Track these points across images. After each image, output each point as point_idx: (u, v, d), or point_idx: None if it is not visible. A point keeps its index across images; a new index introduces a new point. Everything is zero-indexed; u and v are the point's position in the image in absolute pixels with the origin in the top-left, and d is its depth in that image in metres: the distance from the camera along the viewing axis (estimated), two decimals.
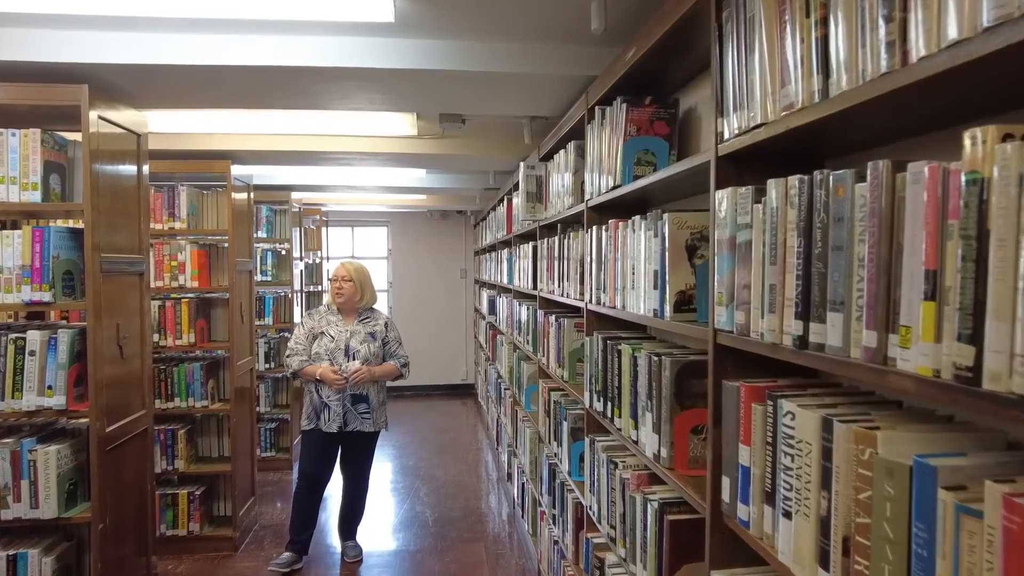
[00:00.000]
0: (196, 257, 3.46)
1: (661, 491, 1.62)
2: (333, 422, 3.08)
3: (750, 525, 1.14)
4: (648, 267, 1.58)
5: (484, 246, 6.11)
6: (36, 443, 2.10)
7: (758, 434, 1.12)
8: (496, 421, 5.13)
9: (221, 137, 3.47)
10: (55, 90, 2.08)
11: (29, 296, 2.07)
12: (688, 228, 1.45)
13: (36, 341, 2.09)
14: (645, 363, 1.61)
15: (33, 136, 2.07)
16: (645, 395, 1.62)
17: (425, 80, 2.22)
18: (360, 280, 3.20)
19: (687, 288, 1.45)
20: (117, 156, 2.31)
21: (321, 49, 2.02)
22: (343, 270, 3.20)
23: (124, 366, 2.32)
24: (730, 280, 1.19)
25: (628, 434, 1.77)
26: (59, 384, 2.10)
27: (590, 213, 2.17)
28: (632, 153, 1.81)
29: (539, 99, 2.58)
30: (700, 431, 1.51)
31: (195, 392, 3.45)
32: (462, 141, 3.61)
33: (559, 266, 2.63)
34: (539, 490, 3.16)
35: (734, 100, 1.18)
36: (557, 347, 2.70)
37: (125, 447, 2.32)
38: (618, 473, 1.84)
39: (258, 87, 2.30)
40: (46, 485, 2.07)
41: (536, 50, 2.18)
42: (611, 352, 1.89)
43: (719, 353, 1.25)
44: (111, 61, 2.07)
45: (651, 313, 1.56)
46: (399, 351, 3.26)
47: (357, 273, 3.20)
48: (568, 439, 2.47)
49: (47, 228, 2.09)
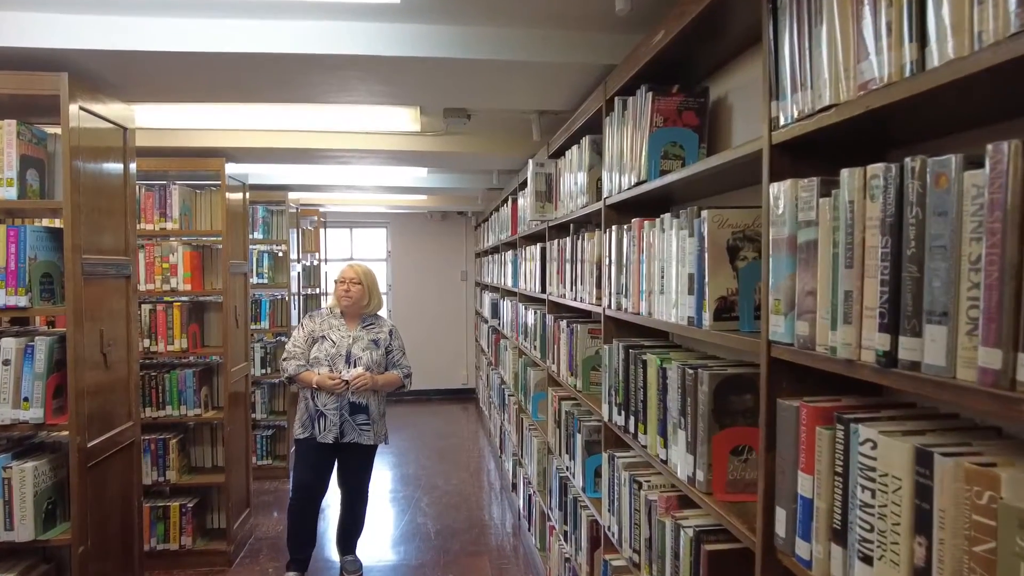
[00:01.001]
0: (189, 259, 3.30)
1: (694, 516, 1.48)
2: (329, 432, 2.89)
3: (812, 565, 0.99)
4: (681, 270, 1.44)
5: (486, 248, 5.96)
6: (11, 459, 1.95)
7: (824, 462, 0.97)
8: (499, 428, 4.97)
9: (215, 134, 3.31)
10: (31, 78, 1.93)
11: (3, 301, 1.92)
12: (730, 227, 1.31)
13: (11, 349, 1.93)
14: (677, 376, 1.47)
15: (8, 128, 1.92)
16: (677, 411, 1.47)
17: (431, 69, 2.07)
18: (368, 283, 3.03)
19: (728, 294, 1.31)
20: (101, 151, 2.15)
21: (321, 35, 1.87)
22: (351, 271, 3.02)
23: (108, 375, 2.17)
24: (789, 285, 1.04)
25: (655, 452, 1.62)
26: (36, 395, 1.94)
27: (608, 212, 2.03)
28: (659, 146, 1.67)
29: (550, 90, 2.43)
30: (741, 452, 1.36)
31: (187, 400, 3.29)
32: (466, 138, 3.46)
33: (572, 269, 2.49)
34: (548, 504, 3.02)
35: (792, 81, 1.03)
36: (569, 354, 2.56)
37: (109, 461, 2.16)
38: (643, 494, 1.70)
39: (253, 77, 2.15)
40: (22, 505, 1.91)
41: (550, 36, 2.03)
42: (634, 362, 1.75)
43: (774, 368, 1.10)
44: (91, 47, 1.92)
45: (685, 321, 1.41)
46: (403, 361, 3.09)
47: (366, 276, 3.03)
48: (582, 453, 2.32)
49: (22, 227, 1.94)
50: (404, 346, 3.13)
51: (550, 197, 2.87)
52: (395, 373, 3.02)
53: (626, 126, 1.84)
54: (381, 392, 3.01)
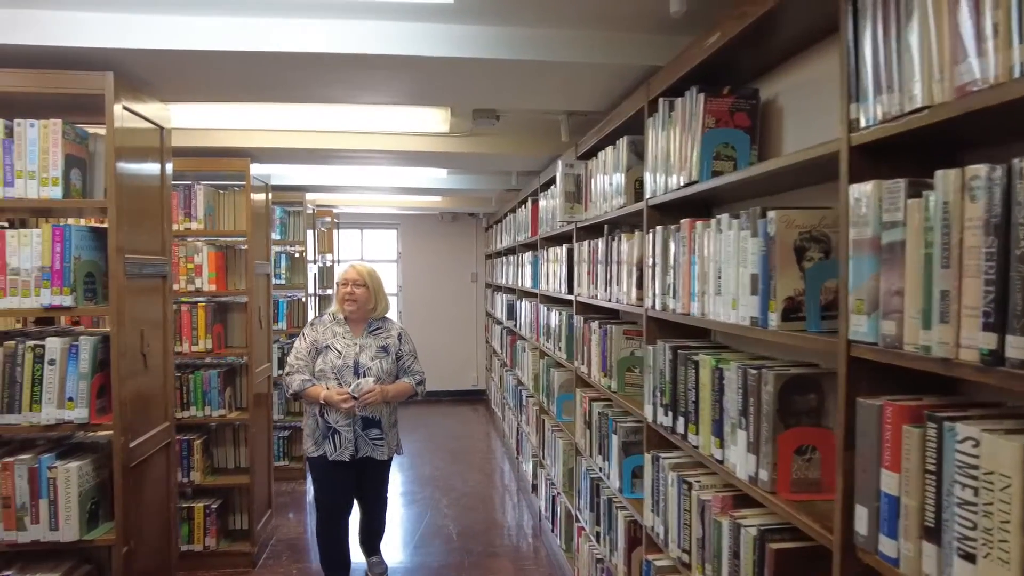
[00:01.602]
0: (213, 259, 3.30)
1: (754, 515, 1.48)
2: (344, 450, 2.69)
3: (900, 563, 1.00)
4: (742, 271, 1.44)
5: (500, 249, 5.96)
6: (55, 459, 1.94)
7: (913, 460, 0.98)
8: (516, 430, 4.97)
9: (239, 134, 3.31)
10: (77, 78, 1.93)
11: (49, 300, 1.91)
12: (796, 228, 1.31)
13: (56, 349, 1.93)
14: (736, 376, 1.47)
15: (54, 127, 1.91)
16: (736, 411, 1.48)
17: (475, 70, 2.07)
18: (374, 285, 2.79)
19: (795, 294, 1.31)
20: (140, 151, 2.15)
21: (370, 35, 1.87)
22: (355, 273, 2.77)
23: (147, 376, 2.17)
24: (872, 285, 1.05)
25: (708, 452, 1.62)
26: (81, 396, 1.94)
27: (651, 213, 2.03)
28: (711, 147, 1.68)
29: (585, 91, 2.44)
30: (804, 452, 1.37)
31: (212, 400, 3.29)
32: (491, 139, 3.46)
33: (606, 270, 2.49)
34: (576, 505, 3.02)
35: (876, 83, 1.04)
36: (602, 355, 2.56)
37: (148, 462, 2.16)
38: (695, 494, 1.70)
39: (294, 76, 2.15)
40: (67, 505, 1.91)
41: (593, 38, 2.04)
42: (684, 363, 1.75)
43: (853, 367, 1.11)
44: (134, 46, 1.92)
45: (747, 321, 1.42)
46: (414, 367, 2.86)
47: (371, 277, 2.80)
48: (618, 454, 2.33)
49: (68, 227, 1.94)
50: (415, 350, 2.92)
51: (579, 198, 2.88)
52: (406, 382, 2.81)
53: (673, 127, 1.85)
54: (393, 402, 2.83)
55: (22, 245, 1.91)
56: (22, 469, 1.90)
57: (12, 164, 1.90)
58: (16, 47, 1.90)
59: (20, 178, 1.90)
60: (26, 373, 1.92)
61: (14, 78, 1.91)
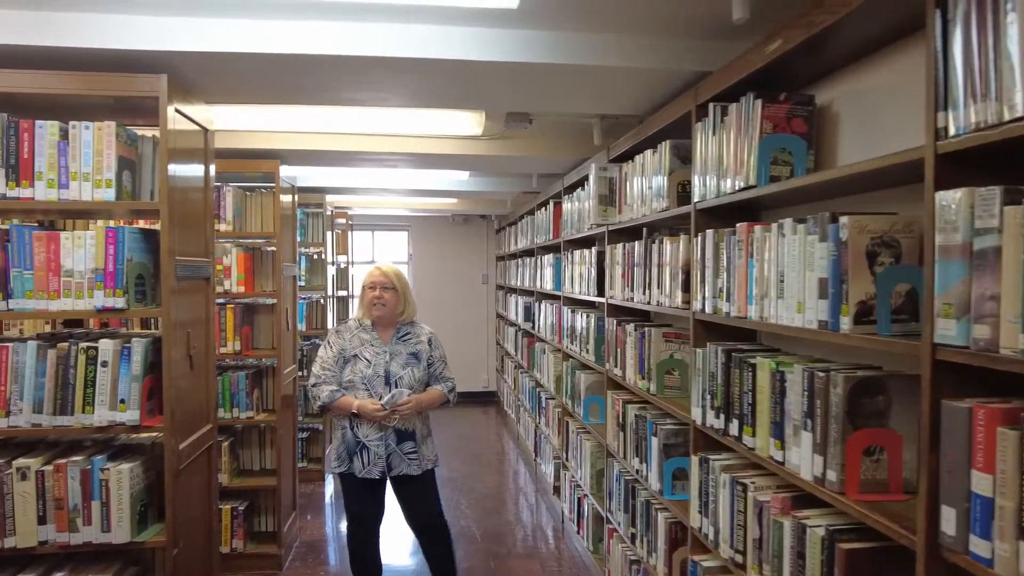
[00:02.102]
0: (242, 261, 3.30)
1: (818, 516, 1.50)
2: (374, 466, 2.48)
3: (994, 563, 1.01)
4: (808, 275, 1.46)
5: (515, 251, 5.98)
6: (107, 461, 1.95)
7: (1009, 462, 1.00)
8: (534, 432, 4.99)
9: (269, 136, 3.32)
10: (131, 80, 1.94)
11: (102, 302, 1.92)
12: (868, 233, 1.33)
13: (109, 351, 1.93)
14: (800, 379, 1.49)
15: (108, 129, 1.92)
16: (800, 413, 1.50)
17: (527, 74, 2.09)
18: (402, 287, 2.59)
19: (867, 298, 1.33)
20: (188, 153, 2.16)
21: (430, 39, 1.89)
22: (381, 275, 2.55)
23: (193, 378, 2.17)
24: (963, 290, 1.07)
25: (767, 454, 1.64)
26: (132, 398, 1.94)
27: (699, 216, 2.05)
28: (768, 152, 1.70)
29: (627, 95, 2.46)
30: (872, 452, 1.39)
31: (240, 402, 3.29)
32: (520, 142, 3.48)
33: (644, 272, 2.51)
34: (606, 506, 3.03)
35: (970, 91, 1.06)
36: (639, 357, 2.58)
37: (193, 464, 2.16)
38: (750, 495, 1.72)
39: (347, 81, 2.16)
40: (119, 507, 1.91)
41: (643, 43, 2.06)
42: (739, 366, 1.77)
43: (938, 370, 1.13)
44: (189, 49, 1.93)
45: (814, 325, 1.44)
46: (445, 373, 2.65)
47: (398, 279, 2.59)
48: (659, 456, 2.34)
49: (121, 229, 1.94)
50: (445, 355, 2.71)
51: (612, 201, 2.90)
52: (438, 389, 2.59)
53: (726, 131, 1.87)
54: (425, 412, 2.62)
55: (76, 247, 1.91)
56: (75, 471, 1.91)
57: (67, 166, 1.90)
58: (60, 49, 1.90)
59: (75, 180, 1.91)
60: (79, 375, 1.92)
61: (68, 81, 1.92)
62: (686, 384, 2.44)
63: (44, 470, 1.90)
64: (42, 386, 1.92)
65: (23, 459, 1.91)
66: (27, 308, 1.90)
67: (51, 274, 1.91)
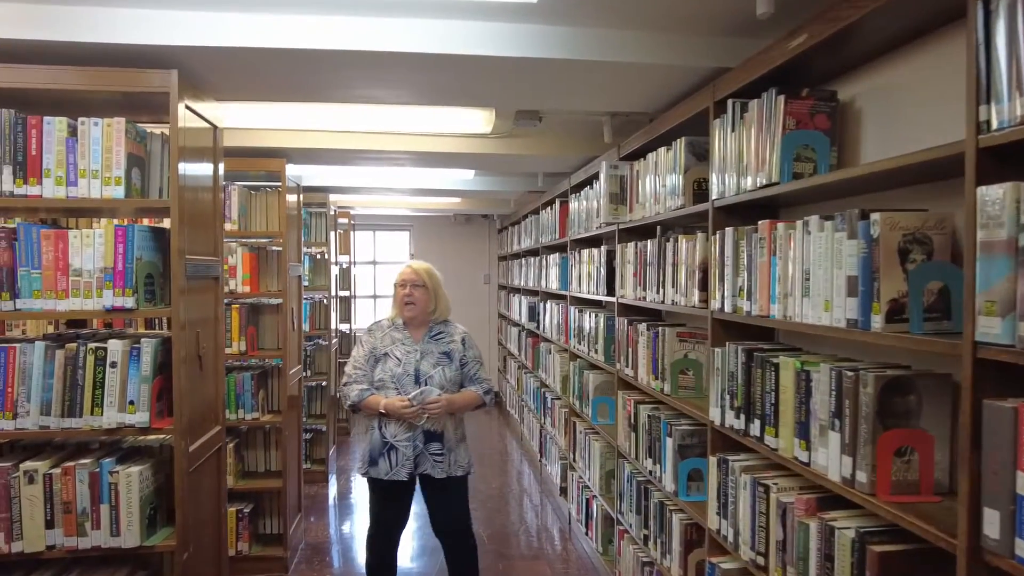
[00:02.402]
0: (247, 260, 3.27)
1: (845, 517, 1.47)
2: (402, 467, 2.40)
3: None
4: (836, 273, 1.44)
5: (518, 250, 5.95)
6: (116, 464, 1.91)
7: None
8: (538, 432, 4.96)
9: (275, 134, 3.29)
10: (141, 76, 1.90)
11: (111, 302, 1.88)
12: (900, 230, 1.31)
13: (118, 352, 1.89)
14: (827, 379, 1.47)
15: (117, 126, 1.88)
16: (827, 413, 1.47)
17: (542, 70, 2.06)
18: (434, 285, 2.54)
19: (899, 296, 1.31)
20: (197, 151, 2.13)
21: (449, 34, 1.86)
22: (412, 273, 2.52)
23: (202, 379, 2.14)
24: (1007, 287, 1.04)
25: (791, 454, 1.62)
26: (142, 399, 1.90)
27: (717, 214, 2.03)
28: (791, 149, 1.67)
29: (641, 92, 2.44)
30: (904, 453, 1.36)
31: (245, 403, 3.25)
32: (528, 140, 3.45)
33: (658, 272, 2.48)
34: (617, 508, 3.00)
35: (1011, 83, 1.04)
36: (652, 357, 2.55)
37: (203, 467, 2.13)
38: (773, 496, 1.69)
39: (360, 77, 2.12)
40: (128, 510, 1.87)
41: (660, 40, 2.04)
42: (761, 365, 1.75)
43: (980, 369, 1.10)
44: (201, 44, 1.90)
45: (842, 323, 1.41)
46: (480, 374, 2.56)
47: (430, 276, 2.54)
48: (673, 457, 2.32)
49: (130, 227, 1.91)
50: (481, 355, 2.65)
51: (624, 199, 2.87)
52: (472, 391, 2.51)
53: (746, 128, 1.84)
54: (458, 414, 2.53)
55: (84, 245, 1.88)
56: (83, 474, 1.87)
57: (76, 163, 1.87)
58: (68, 44, 1.86)
59: (83, 177, 1.87)
60: (87, 376, 1.89)
61: (77, 76, 1.88)
62: (701, 384, 2.42)
63: (52, 473, 1.86)
64: (50, 387, 1.88)
65: (31, 462, 1.87)
66: (35, 308, 1.87)
67: (59, 273, 1.88)
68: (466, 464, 2.52)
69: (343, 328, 5.78)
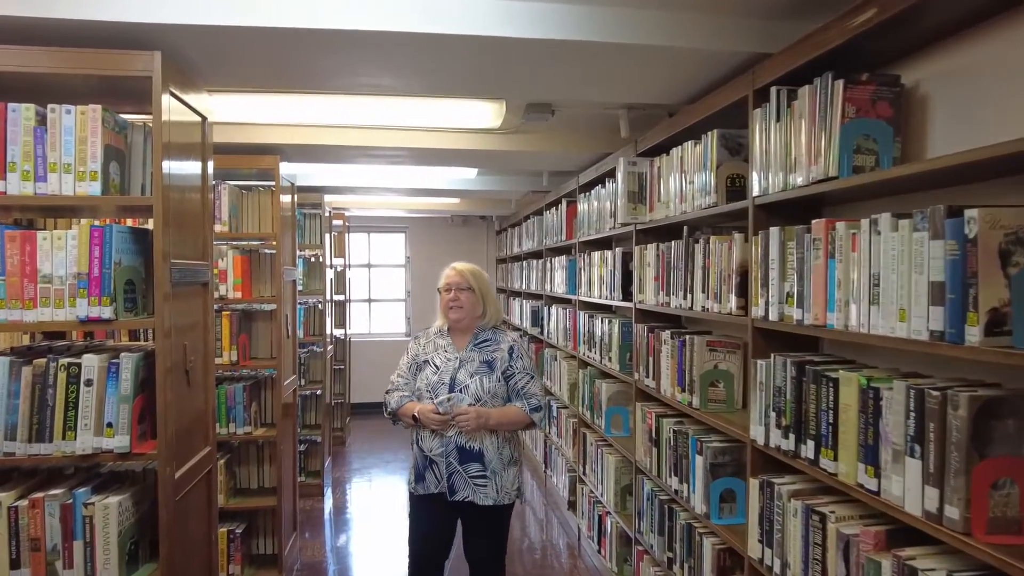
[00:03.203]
0: (239, 264, 3.06)
1: (925, 556, 1.30)
2: (442, 484, 2.22)
3: None
4: (916, 278, 1.26)
5: (519, 253, 5.76)
6: (91, 493, 1.70)
7: None
8: (542, 442, 4.77)
9: (269, 129, 3.08)
10: (119, 57, 1.70)
11: (86, 312, 1.67)
12: (1002, 228, 1.14)
13: (93, 368, 1.69)
14: (902, 398, 1.29)
15: (92, 114, 1.68)
16: (903, 437, 1.30)
17: (560, 54, 1.88)
18: (482, 288, 2.32)
19: (1000, 305, 1.14)
20: (184, 143, 1.92)
21: (460, 13, 1.67)
22: (458, 276, 2.31)
23: (190, 396, 1.93)
24: None
25: (853, 480, 1.44)
26: (121, 421, 1.70)
27: (758, 213, 1.85)
28: (851, 139, 1.50)
29: (664, 81, 2.26)
30: (1001, 486, 1.19)
31: (237, 416, 3.04)
32: (537, 136, 3.27)
33: (684, 275, 2.31)
34: (635, 526, 2.82)
35: None
36: (679, 368, 2.37)
37: (191, 493, 1.92)
38: (830, 526, 1.52)
39: (363, 60, 1.93)
40: (105, 546, 1.67)
41: (691, 21, 1.86)
42: (815, 380, 1.57)
43: None
44: (189, 22, 1.69)
45: (923, 335, 1.24)
46: (530, 388, 2.28)
47: (476, 278, 2.33)
48: (704, 476, 2.14)
49: (108, 227, 1.70)
50: (533, 368, 2.36)
51: (642, 198, 2.70)
52: (516, 407, 2.24)
53: (794, 118, 1.67)
54: (502, 432, 2.26)
55: (56, 248, 1.67)
56: (53, 506, 1.66)
57: (45, 156, 1.66)
58: (34, 20, 1.64)
59: (54, 172, 1.66)
60: (59, 396, 1.68)
61: (46, 58, 1.67)
62: (732, 397, 2.25)
63: (18, 505, 1.65)
64: (15, 409, 1.67)
65: None
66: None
67: (26, 280, 1.67)
68: (513, 491, 2.28)
69: (338, 334, 5.56)
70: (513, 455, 2.30)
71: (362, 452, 5.73)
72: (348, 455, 5.63)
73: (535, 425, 2.32)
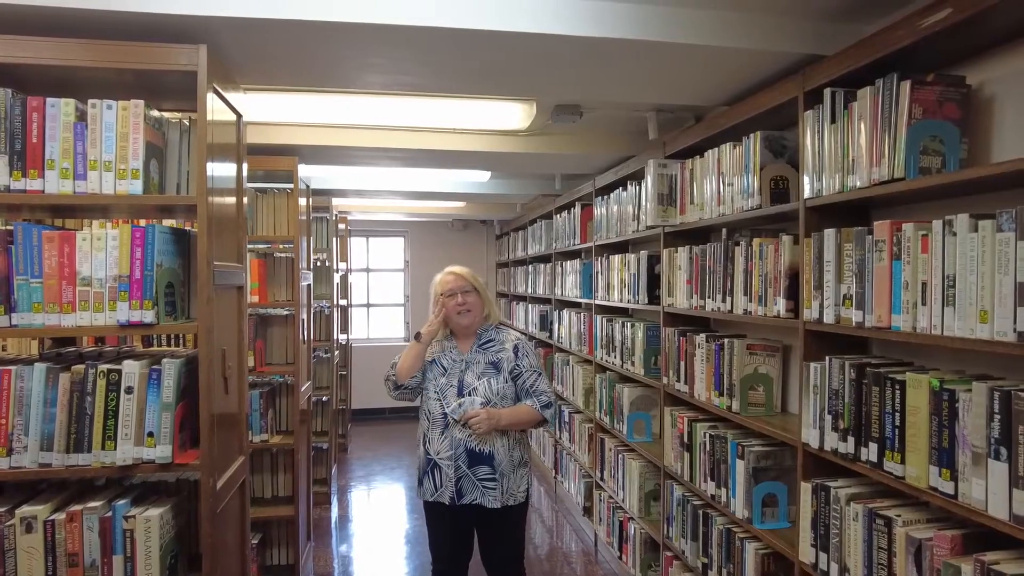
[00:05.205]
0: (256, 268, 2.98)
1: (1008, 560, 1.29)
2: (445, 490, 2.17)
3: None
4: (1001, 279, 1.25)
5: (524, 257, 5.73)
6: (131, 505, 1.62)
7: None
8: (552, 447, 4.73)
9: (288, 130, 3.01)
10: (164, 51, 1.63)
11: (127, 316, 1.60)
12: None
13: (134, 374, 1.61)
14: (984, 400, 1.28)
15: (135, 109, 1.61)
16: (985, 440, 1.29)
17: (601, 54, 1.85)
18: (482, 288, 2.31)
19: None
20: (222, 144, 1.86)
21: (508, 10, 1.63)
22: (458, 279, 2.27)
23: (227, 403, 1.86)
24: None
25: (924, 484, 1.43)
26: (163, 431, 1.62)
27: (809, 215, 1.85)
28: (917, 141, 1.49)
29: (702, 81, 2.24)
30: None
31: (253, 424, 2.96)
32: (561, 138, 3.24)
33: (723, 278, 2.29)
34: (664, 532, 2.79)
35: None
36: (715, 372, 2.36)
37: (229, 505, 1.85)
38: (897, 530, 1.50)
39: (415, 57, 1.88)
40: (146, 561, 1.59)
41: (739, 21, 1.85)
42: (877, 382, 1.56)
43: None
44: (235, 15, 1.64)
45: (1009, 336, 1.23)
46: (538, 386, 2.24)
47: (476, 280, 2.31)
48: (746, 481, 2.12)
49: (150, 228, 1.63)
50: (539, 365, 2.31)
51: (672, 200, 2.68)
52: (526, 405, 2.21)
53: (851, 120, 1.66)
54: (512, 432, 2.22)
55: (95, 250, 1.60)
56: (92, 520, 1.58)
57: (85, 153, 1.59)
58: (71, 11, 1.57)
59: (94, 169, 1.59)
60: (98, 404, 1.60)
61: (86, 51, 1.60)
62: (771, 401, 2.24)
63: (55, 519, 1.57)
64: (52, 417, 1.59)
65: (28, 506, 1.58)
66: (35, 324, 1.58)
67: (64, 282, 1.59)
68: (522, 492, 2.24)
69: (342, 339, 5.47)
70: (523, 457, 2.29)
71: (364, 459, 5.64)
72: (351, 462, 5.54)
73: (546, 422, 2.29)
